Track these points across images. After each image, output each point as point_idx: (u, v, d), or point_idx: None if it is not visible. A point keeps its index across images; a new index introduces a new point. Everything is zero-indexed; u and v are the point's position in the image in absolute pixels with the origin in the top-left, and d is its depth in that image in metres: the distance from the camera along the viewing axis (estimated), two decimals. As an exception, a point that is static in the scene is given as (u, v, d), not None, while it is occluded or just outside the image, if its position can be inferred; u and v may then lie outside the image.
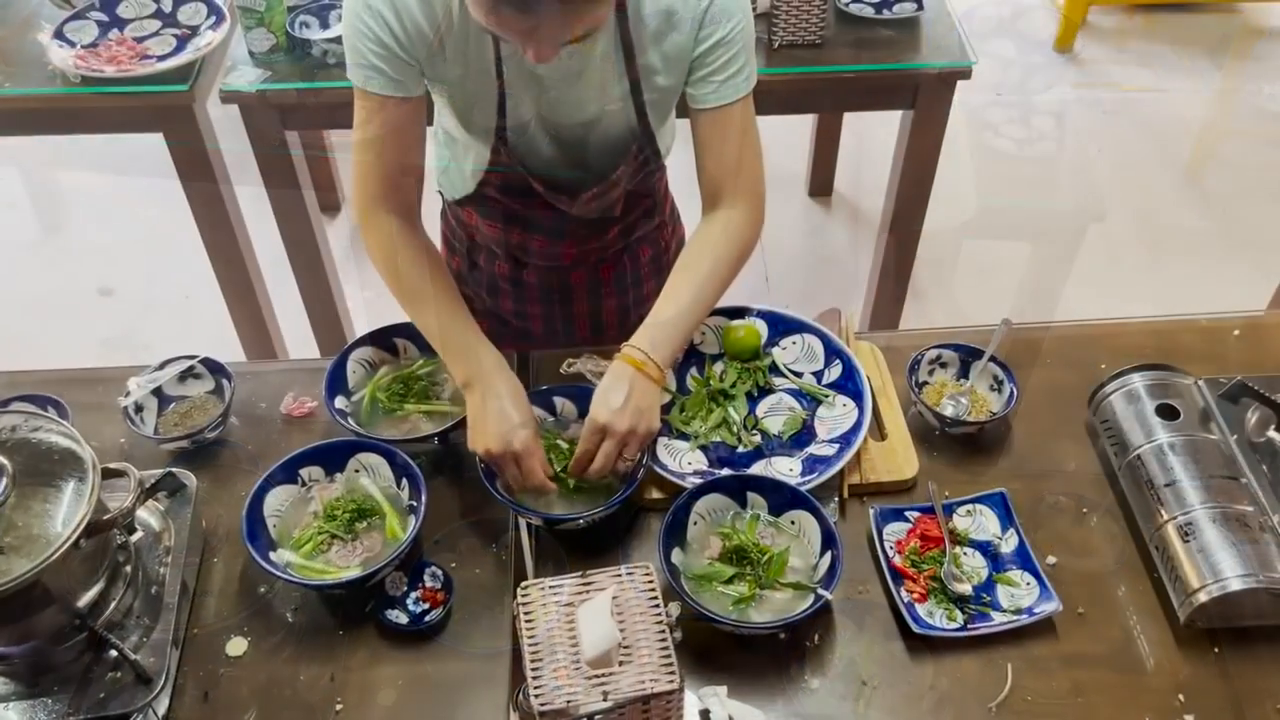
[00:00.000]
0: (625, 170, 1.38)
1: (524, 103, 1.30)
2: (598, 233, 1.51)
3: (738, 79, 1.30)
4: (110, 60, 2.05)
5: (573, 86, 1.29)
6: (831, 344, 1.44)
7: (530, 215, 1.46)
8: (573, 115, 1.32)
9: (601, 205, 1.42)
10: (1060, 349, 1.53)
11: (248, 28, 2.04)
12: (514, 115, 1.31)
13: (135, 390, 1.39)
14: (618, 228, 1.53)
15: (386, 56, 1.24)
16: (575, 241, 1.51)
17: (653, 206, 1.57)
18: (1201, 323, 1.58)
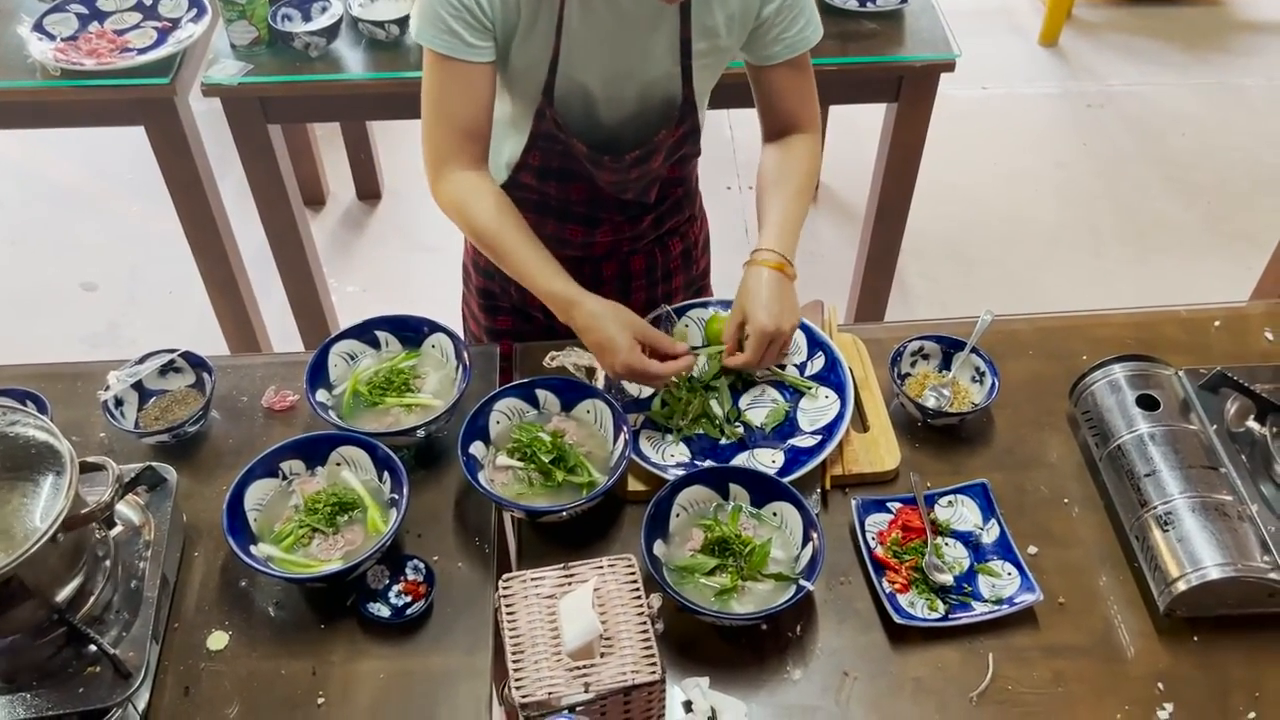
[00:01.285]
0: (667, 136, 1.40)
1: (576, 63, 1.31)
2: (631, 220, 1.52)
3: (806, 30, 1.37)
4: (90, 53, 2.04)
5: (627, 48, 1.31)
6: (814, 336, 1.44)
7: (566, 202, 1.46)
8: (623, 76, 1.34)
9: (642, 174, 1.43)
10: (1042, 340, 1.53)
11: (229, 20, 2.03)
12: (565, 75, 1.32)
13: (115, 384, 1.38)
14: (651, 216, 1.54)
15: (466, 21, 1.25)
16: (610, 229, 1.51)
17: (684, 197, 1.59)
18: (1182, 314, 1.58)
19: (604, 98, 1.36)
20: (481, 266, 1.64)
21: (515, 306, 1.63)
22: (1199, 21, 4.01)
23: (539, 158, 1.42)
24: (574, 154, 1.39)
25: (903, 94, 2.16)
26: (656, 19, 1.30)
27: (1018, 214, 3.28)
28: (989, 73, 3.77)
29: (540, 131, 1.38)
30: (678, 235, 1.63)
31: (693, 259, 1.67)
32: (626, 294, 1.61)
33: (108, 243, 3.17)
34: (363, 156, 3.17)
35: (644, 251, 1.59)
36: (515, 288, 1.61)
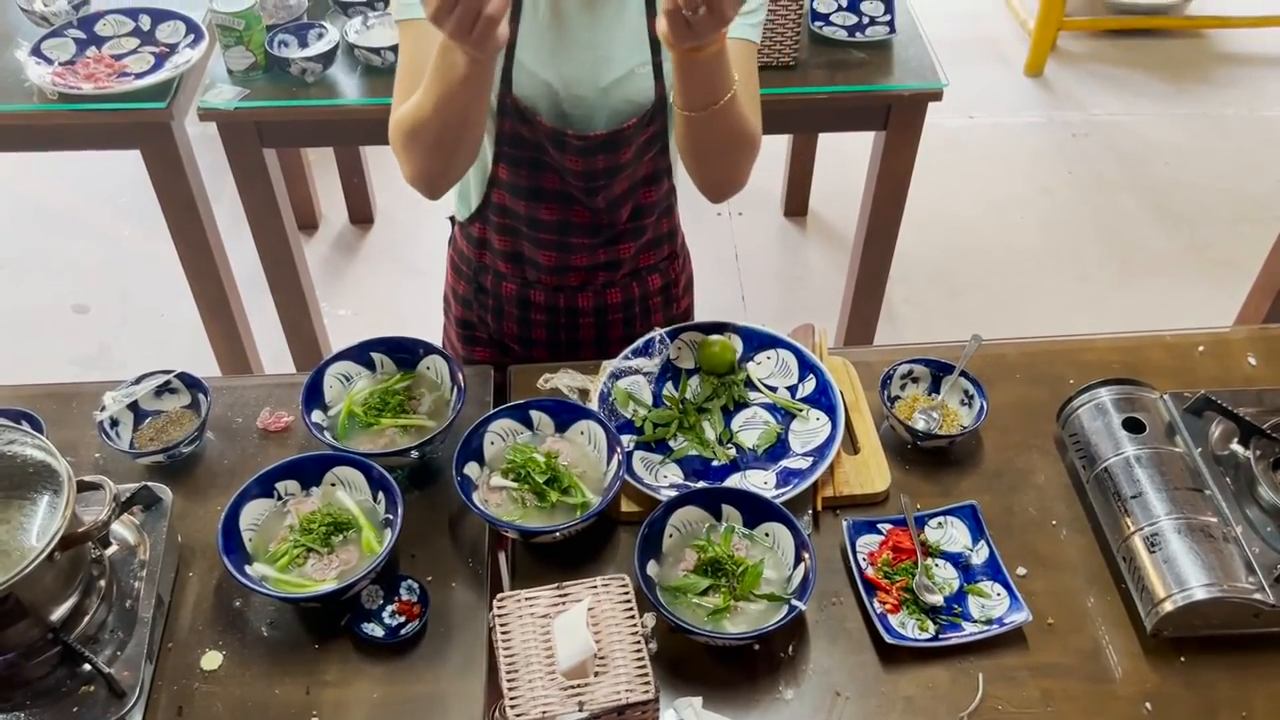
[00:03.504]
0: (637, 127, 1.37)
1: (534, 53, 1.31)
2: (606, 245, 1.51)
3: (753, 18, 1.33)
4: (88, 77, 2.06)
5: (589, 39, 1.31)
6: (805, 359, 1.46)
7: (537, 223, 1.46)
8: (585, 68, 1.33)
9: (610, 163, 1.39)
10: (1029, 364, 1.55)
11: (226, 46, 2.05)
12: (522, 67, 1.31)
13: (111, 404, 1.38)
14: (628, 247, 1.53)
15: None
16: (585, 255, 1.51)
17: (666, 233, 1.58)
18: (1167, 339, 1.61)
19: (567, 93, 1.34)
20: (460, 295, 1.64)
21: (493, 337, 1.64)
22: (1181, 53, 4.07)
23: (507, 171, 1.42)
24: (540, 148, 1.37)
25: (891, 122, 2.19)
26: (620, 10, 1.30)
27: (1004, 240, 3.31)
28: (975, 102, 3.82)
29: (505, 131, 1.37)
30: (657, 271, 1.61)
31: (673, 297, 1.66)
32: (604, 328, 1.61)
33: (100, 265, 3.18)
34: (355, 181, 3.19)
35: (621, 285, 1.58)
36: (492, 317, 1.62)
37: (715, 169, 1.37)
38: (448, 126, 1.24)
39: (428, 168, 1.32)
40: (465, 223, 1.55)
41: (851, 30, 2.22)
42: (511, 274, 1.56)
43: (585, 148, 1.37)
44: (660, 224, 1.56)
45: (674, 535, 1.27)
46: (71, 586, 1.13)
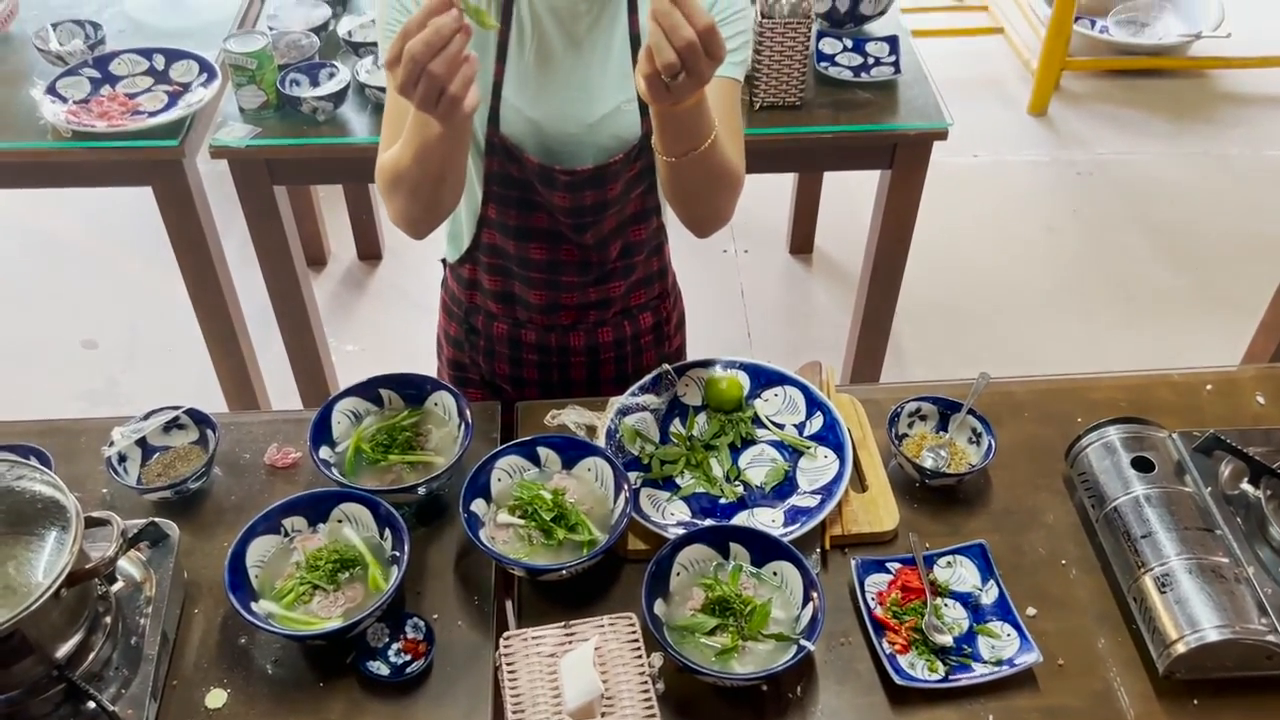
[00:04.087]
0: (623, 163, 1.38)
1: (520, 91, 1.33)
2: (597, 284, 1.52)
3: (737, 56, 1.34)
4: (102, 115, 2.08)
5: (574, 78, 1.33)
6: (813, 396, 1.46)
7: (527, 262, 1.47)
8: (570, 107, 1.34)
9: (598, 199, 1.40)
10: (1037, 403, 1.55)
11: (239, 85, 2.08)
12: (509, 104, 1.34)
13: (119, 440, 1.39)
14: (619, 285, 1.54)
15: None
16: (575, 293, 1.52)
17: (657, 272, 1.59)
18: (1174, 378, 1.61)
19: (553, 131, 1.35)
20: (451, 336, 1.65)
21: (485, 378, 1.65)
22: (1183, 93, 4.10)
23: (495, 210, 1.43)
24: (529, 186, 1.38)
25: (896, 161, 2.21)
26: (606, 49, 1.32)
27: (1009, 278, 3.32)
28: (980, 140, 3.85)
29: (494, 170, 1.39)
30: (648, 309, 1.61)
31: (665, 335, 1.66)
32: (596, 367, 1.62)
33: (109, 300, 3.20)
34: (364, 217, 3.21)
35: (612, 323, 1.59)
36: (484, 358, 1.63)
37: (698, 207, 1.38)
38: (426, 176, 1.26)
39: (410, 212, 1.34)
40: (456, 264, 1.57)
41: (857, 71, 2.24)
42: (502, 314, 1.57)
43: (573, 183, 1.38)
44: (650, 262, 1.57)
45: (681, 574, 1.26)
46: (77, 623, 1.12)
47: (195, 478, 1.37)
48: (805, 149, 2.19)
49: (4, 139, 2.07)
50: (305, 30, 2.20)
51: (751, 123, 2.13)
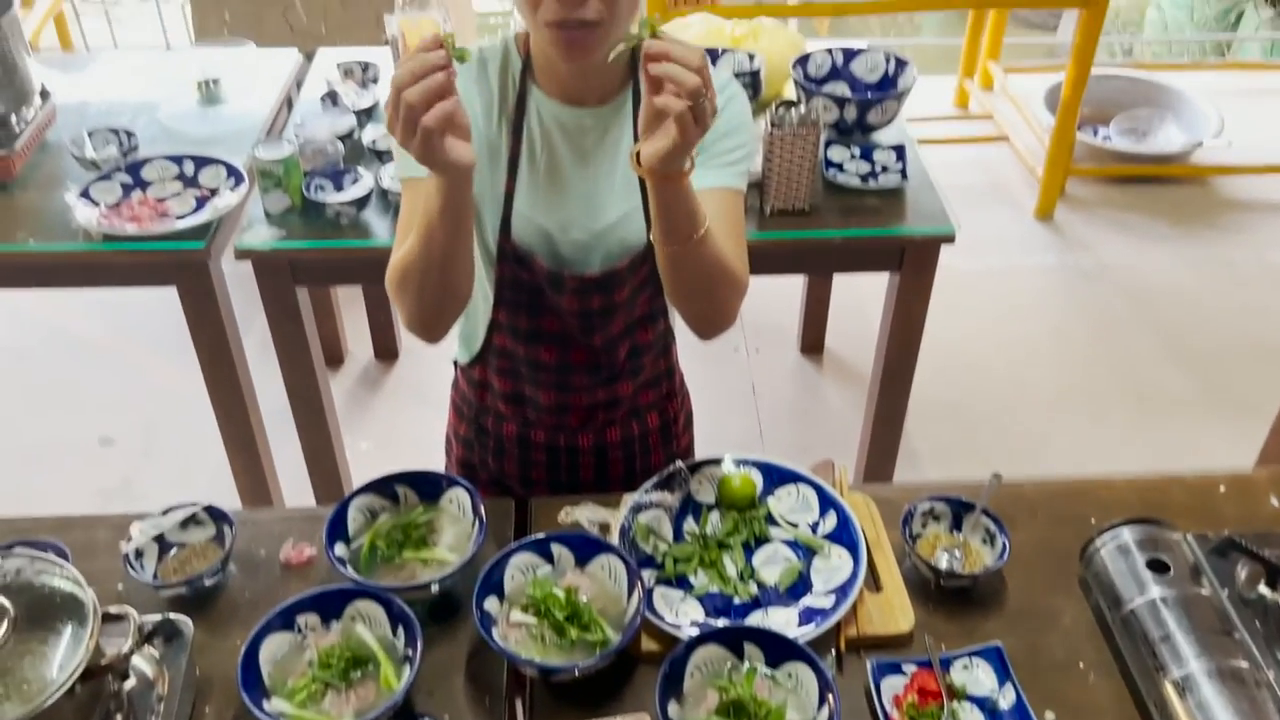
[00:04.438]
0: (630, 269, 1.42)
1: (531, 200, 1.38)
2: (605, 384, 1.55)
3: (738, 168, 1.39)
4: (132, 219, 2.15)
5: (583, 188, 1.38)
6: (826, 495, 1.47)
7: (537, 365, 1.50)
8: (579, 215, 1.39)
9: (605, 304, 1.44)
10: (1050, 503, 1.55)
11: (265, 189, 2.15)
12: (520, 214, 1.38)
13: (138, 536, 1.40)
14: (626, 386, 1.56)
15: None
16: (584, 394, 1.54)
17: (664, 372, 1.62)
18: (1188, 480, 1.61)
19: (563, 238, 1.40)
20: (461, 436, 1.68)
21: (493, 478, 1.66)
22: (1186, 200, 4.18)
23: (506, 314, 1.46)
24: (539, 291, 1.42)
25: (905, 264, 2.25)
26: (612, 162, 1.38)
27: (1018, 379, 3.34)
28: (987, 244, 3.91)
29: (504, 275, 1.43)
30: (655, 409, 1.64)
31: (672, 435, 1.68)
32: (604, 467, 1.64)
33: (127, 398, 3.24)
34: (382, 317, 3.27)
35: (620, 423, 1.61)
36: (492, 458, 1.64)
37: (697, 304, 1.40)
38: (431, 264, 1.29)
39: (419, 309, 1.37)
40: (467, 366, 1.60)
41: (865, 178, 2.30)
42: (512, 415, 1.60)
43: (581, 288, 1.43)
44: (658, 363, 1.60)
45: (695, 675, 1.25)
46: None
47: (211, 574, 1.38)
48: (815, 252, 2.24)
49: (38, 241, 2.13)
50: (331, 138, 2.28)
51: (763, 227, 2.18)
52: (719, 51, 2.47)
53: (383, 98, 2.52)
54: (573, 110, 1.37)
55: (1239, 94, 4.66)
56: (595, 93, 1.37)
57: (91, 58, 2.92)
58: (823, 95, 2.34)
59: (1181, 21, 5.76)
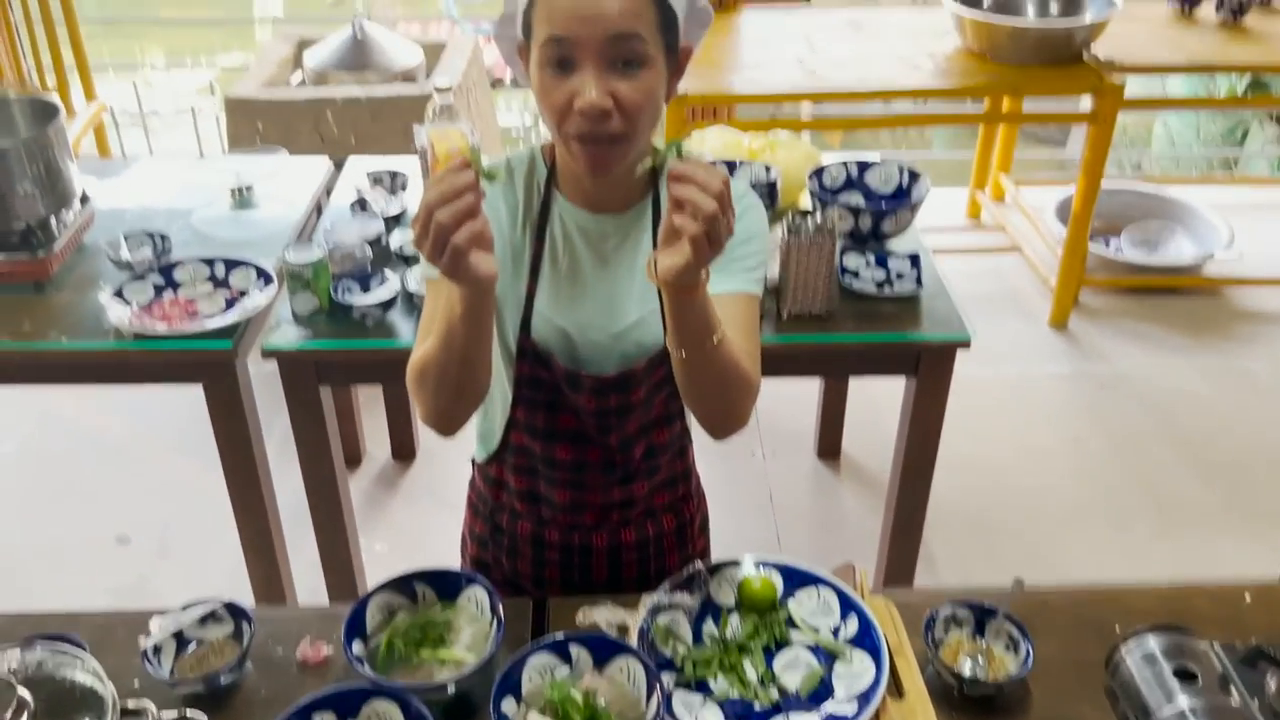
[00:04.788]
0: (647, 370, 1.45)
1: (552, 302, 1.43)
2: (621, 483, 1.56)
3: (754, 274, 1.43)
4: (163, 318, 2.20)
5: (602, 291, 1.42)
6: (848, 599, 1.46)
7: (553, 463, 1.52)
8: (599, 317, 1.43)
9: (622, 403, 1.46)
10: (1073, 610, 1.54)
11: (294, 291, 2.20)
12: (540, 314, 1.43)
13: (157, 632, 1.40)
14: (642, 486, 1.58)
15: None
16: (599, 493, 1.55)
17: (680, 473, 1.63)
18: (1213, 588, 1.59)
19: (582, 339, 1.44)
20: (476, 534, 1.68)
21: (507, 578, 1.66)
22: (1199, 310, 4.21)
23: (524, 413, 1.49)
24: (557, 389, 1.45)
25: (921, 369, 2.27)
26: (631, 266, 1.43)
27: (1037, 488, 3.32)
28: (1002, 352, 3.93)
29: (523, 374, 1.46)
30: (671, 511, 1.64)
31: (687, 537, 1.68)
32: (618, 568, 1.63)
33: (145, 497, 3.25)
34: (401, 417, 3.30)
35: (635, 524, 1.61)
36: (506, 556, 1.65)
37: (711, 405, 1.43)
38: (450, 362, 1.32)
39: (437, 405, 1.39)
40: (484, 463, 1.62)
41: (880, 284, 2.34)
42: (527, 513, 1.60)
43: (598, 387, 1.45)
44: (674, 464, 1.61)
45: (715, 781, 1.23)
46: (101, 819, 1.11)
47: (228, 671, 1.37)
48: (832, 356, 2.27)
49: (70, 339, 2.18)
50: (359, 242, 2.34)
51: (780, 330, 2.21)
52: (736, 163, 2.55)
53: (410, 205, 2.61)
54: (595, 216, 1.42)
55: (1248, 208, 4.73)
56: (617, 201, 1.42)
57: (129, 164, 3.02)
58: (838, 205, 2.40)
59: (1188, 138, 5.90)
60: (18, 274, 2.32)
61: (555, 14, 1.23)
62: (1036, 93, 3.72)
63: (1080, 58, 3.67)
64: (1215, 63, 3.77)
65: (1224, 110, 5.59)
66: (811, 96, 3.77)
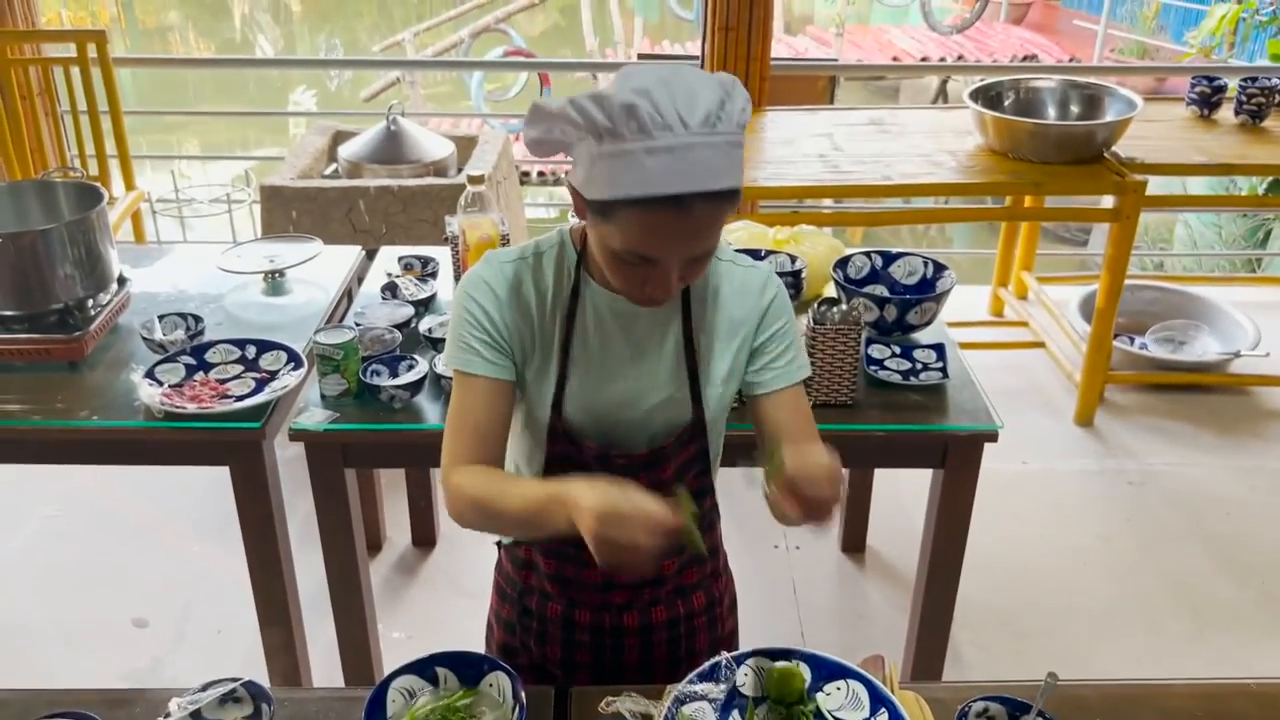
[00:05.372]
0: (676, 446, 1.48)
1: (583, 384, 1.45)
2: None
3: (795, 364, 1.50)
4: (193, 398, 2.22)
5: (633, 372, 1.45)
6: (877, 691, 1.42)
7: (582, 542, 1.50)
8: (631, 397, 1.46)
9: (652, 481, 1.46)
10: (1109, 709, 1.50)
11: (323, 374, 2.22)
12: (572, 395, 1.45)
13: (176, 711, 1.38)
14: (672, 563, 1.57)
15: (484, 340, 1.41)
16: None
17: (709, 550, 1.62)
18: (1252, 687, 1.55)
19: (612, 418, 1.46)
20: (504, 619, 1.67)
21: (534, 662, 1.64)
22: (1228, 408, 4.17)
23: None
24: (588, 464, 1.47)
25: (949, 460, 2.25)
26: (667, 353, 1.45)
27: (1068, 587, 3.26)
28: (1028, 449, 3.90)
29: (554, 452, 1.47)
30: (700, 588, 1.64)
31: (717, 617, 1.67)
32: (649, 648, 1.62)
33: (164, 579, 3.23)
34: (422, 504, 3.29)
35: (666, 602, 1.60)
36: (535, 642, 1.63)
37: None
38: (503, 528, 1.43)
39: (476, 528, 1.45)
40: (512, 545, 1.61)
41: (905, 375, 2.34)
42: (557, 594, 1.59)
43: (629, 466, 1.47)
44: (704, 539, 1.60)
45: None
46: None
47: (245, 754, 1.35)
48: (857, 446, 2.25)
49: (101, 418, 2.21)
50: (389, 326, 2.37)
51: (805, 420, 2.20)
52: (761, 253, 2.58)
53: (440, 290, 2.65)
54: (625, 301, 1.44)
55: (1273, 307, 4.73)
56: None
57: (166, 250, 3.10)
58: (863, 295, 2.41)
59: (1210, 240, 5.93)
60: (54, 353, 2.36)
61: (648, 240, 1.26)
62: (1059, 191, 3.76)
63: (1101, 157, 3.72)
64: (1235, 163, 3.81)
65: (1245, 211, 5.63)
66: (834, 191, 3.82)
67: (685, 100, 1.20)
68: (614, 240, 1.28)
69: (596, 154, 1.23)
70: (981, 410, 2.25)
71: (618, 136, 1.21)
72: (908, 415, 2.24)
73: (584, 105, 1.22)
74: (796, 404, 1.50)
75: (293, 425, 2.20)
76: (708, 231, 1.28)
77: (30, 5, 4.38)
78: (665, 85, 1.21)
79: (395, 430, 2.19)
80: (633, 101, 1.19)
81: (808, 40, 11.93)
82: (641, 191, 1.21)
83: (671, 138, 1.20)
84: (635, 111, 1.19)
